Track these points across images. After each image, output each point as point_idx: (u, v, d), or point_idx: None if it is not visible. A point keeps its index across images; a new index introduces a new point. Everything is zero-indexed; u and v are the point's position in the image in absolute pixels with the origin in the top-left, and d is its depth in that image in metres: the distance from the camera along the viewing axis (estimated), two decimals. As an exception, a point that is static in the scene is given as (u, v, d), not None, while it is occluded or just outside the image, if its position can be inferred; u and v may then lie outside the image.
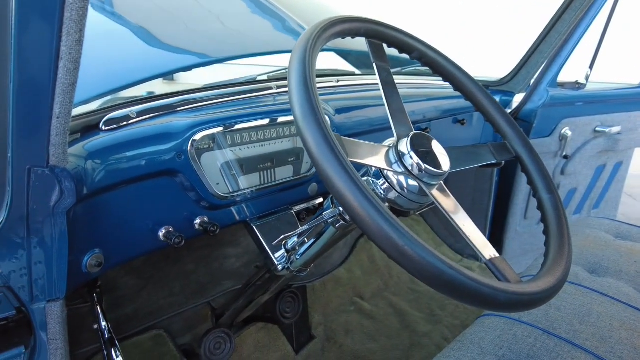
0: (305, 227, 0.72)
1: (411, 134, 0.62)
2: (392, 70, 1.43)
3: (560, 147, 1.77)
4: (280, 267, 0.86)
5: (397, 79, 1.35)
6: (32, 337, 0.60)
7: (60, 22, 0.41)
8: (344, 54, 1.60)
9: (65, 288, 0.60)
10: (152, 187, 0.73)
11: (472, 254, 1.88)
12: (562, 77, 1.71)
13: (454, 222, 0.57)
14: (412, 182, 0.61)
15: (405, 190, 0.61)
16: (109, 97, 0.81)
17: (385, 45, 0.74)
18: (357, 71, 1.28)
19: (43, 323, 0.59)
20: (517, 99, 1.70)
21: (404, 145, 0.60)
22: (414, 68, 1.40)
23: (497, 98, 1.56)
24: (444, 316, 1.43)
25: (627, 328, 0.82)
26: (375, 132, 1.07)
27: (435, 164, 0.61)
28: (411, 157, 0.59)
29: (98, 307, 0.86)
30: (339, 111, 0.99)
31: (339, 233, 0.73)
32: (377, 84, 1.26)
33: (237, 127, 0.80)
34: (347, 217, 0.68)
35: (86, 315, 0.97)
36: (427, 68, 1.44)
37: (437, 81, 1.48)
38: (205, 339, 1.05)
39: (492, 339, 0.78)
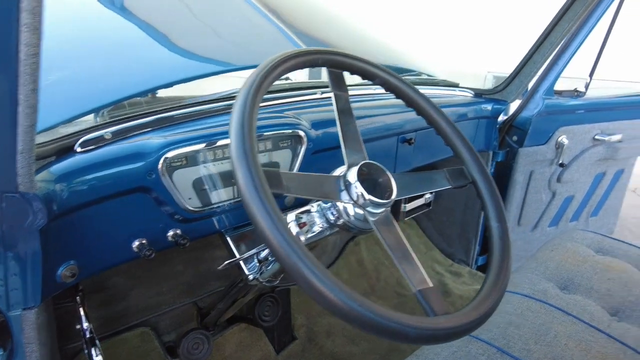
0: (254, 250, 0.76)
1: (360, 163, 0.65)
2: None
3: (556, 155, 1.77)
4: (251, 277, 0.91)
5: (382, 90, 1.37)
6: (10, 340, 0.67)
7: (16, 74, 0.46)
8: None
9: (40, 297, 0.66)
10: (127, 202, 0.78)
11: (463, 258, 1.90)
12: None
13: (390, 250, 0.60)
14: (358, 210, 0.64)
15: (352, 217, 0.65)
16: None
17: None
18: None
19: (19, 328, 0.65)
20: (514, 106, 1.70)
21: (352, 175, 0.64)
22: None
23: (489, 106, 1.56)
24: (426, 321, 1.46)
25: (581, 348, 0.84)
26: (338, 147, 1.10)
27: (380, 193, 0.64)
28: (356, 187, 0.63)
29: (80, 308, 0.93)
30: (316, 125, 1.03)
31: None
32: (364, 94, 1.29)
33: (210, 144, 0.84)
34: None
35: (75, 312, 1.04)
36: (416, 77, 1.45)
37: (430, 90, 1.49)
38: (184, 339, 1.11)
39: (447, 355, 0.82)
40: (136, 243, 0.80)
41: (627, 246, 1.27)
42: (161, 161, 0.77)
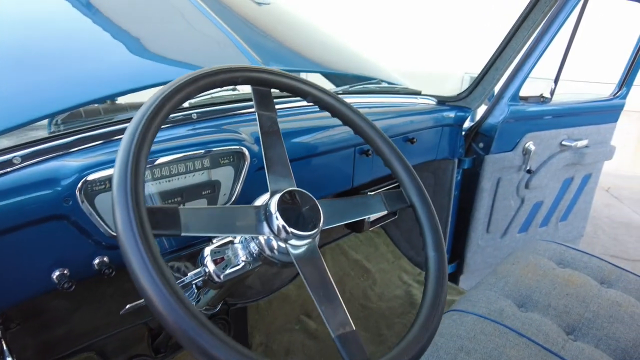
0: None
1: (284, 190, 0.60)
2: (338, 89, 1.39)
3: (524, 161, 1.75)
4: None
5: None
6: None
7: None
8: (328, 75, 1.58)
9: None
10: (42, 231, 0.71)
11: (432, 267, 1.86)
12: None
13: (310, 289, 0.55)
14: (281, 244, 0.59)
15: (276, 252, 0.60)
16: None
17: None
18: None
19: None
20: (480, 112, 1.68)
21: (274, 205, 0.58)
22: (362, 86, 1.36)
23: (453, 114, 1.53)
24: (389, 336, 1.42)
25: (533, 375, 0.80)
26: (294, 160, 1.05)
27: (305, 224, 0.59)
28: (277, 218, 0.57)
29: (2, 342, 0.86)
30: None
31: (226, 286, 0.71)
32: (313, 105, 1.24)
33: (137, 165, 0.78)
34: (217, 279, 0.66)
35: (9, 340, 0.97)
36: (376, 86, 1.41)
37: (390, 98, 1.44)
38: None
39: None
40: (57, 273, 0.74)
41: (588, 257, 1.25)
42: (79, 186, 0.71)
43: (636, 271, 1.18)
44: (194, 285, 0.84)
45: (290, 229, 0.57)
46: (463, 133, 1.65)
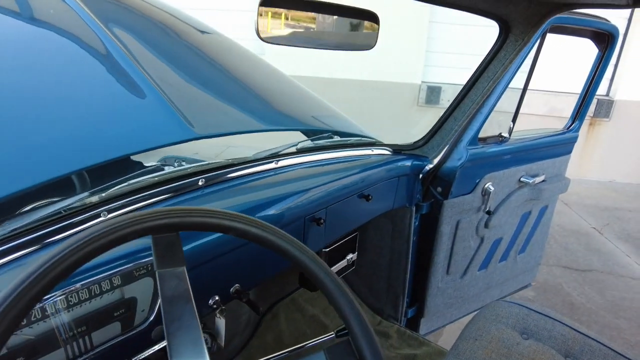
0: None
1: None
2: (281, 148, 1.22)
3: (483, 202, 1.69)
4: None
5: (286, 162, 1.17)
6: None
7: None
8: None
9: None
10: None
11: (391, 314, 1.78)
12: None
13: None
14: None
15: None
16: None
17: None
18: (250, 156, 1.07)
19: None
20: (436, 159, 1.59)
21: None
22: (313, 143, 1.22)
23: (409, 163, 1.43)
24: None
25: None
26: (230, 252, 0.91)
27: None
28: None
29: None
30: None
31: None
32: (262, 171, 1.08)
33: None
34: None
35: None
36: (327, 141, 1.28)
37: (342, 153, 1.32)
38: None
39: None
40: None
41: (551, 323, 1.19)
42: None
43: (587, 283, 1.13)
44: None
45: None
46: (420, 176, 1.56)
